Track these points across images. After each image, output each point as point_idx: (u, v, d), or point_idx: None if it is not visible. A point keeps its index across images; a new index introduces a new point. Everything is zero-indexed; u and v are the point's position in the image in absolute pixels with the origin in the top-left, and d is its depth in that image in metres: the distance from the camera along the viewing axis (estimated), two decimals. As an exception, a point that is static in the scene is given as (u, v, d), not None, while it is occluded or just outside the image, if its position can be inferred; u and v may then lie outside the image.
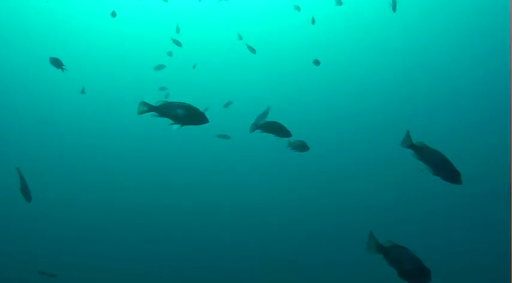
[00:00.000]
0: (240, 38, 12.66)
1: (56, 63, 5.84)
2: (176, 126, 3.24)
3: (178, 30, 12.57)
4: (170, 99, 3.31)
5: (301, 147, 4.23)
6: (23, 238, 12.44)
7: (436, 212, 13.25)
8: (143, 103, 3.18)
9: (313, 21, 9.67)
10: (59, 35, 17.91)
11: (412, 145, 2.85)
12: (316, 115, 17.96)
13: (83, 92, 10.56)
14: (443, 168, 2.75)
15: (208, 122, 3.25)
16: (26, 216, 12.65)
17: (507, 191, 10.70)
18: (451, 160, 2.80)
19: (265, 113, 6.41)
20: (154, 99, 3.27)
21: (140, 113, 3.20)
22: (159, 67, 12.38)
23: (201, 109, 3.25)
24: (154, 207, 14.62)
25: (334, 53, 17.54)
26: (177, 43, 10.25)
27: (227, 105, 10.78)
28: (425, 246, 10.80)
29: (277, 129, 3.79)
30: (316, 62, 7.08)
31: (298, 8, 10.97)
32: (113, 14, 9.12)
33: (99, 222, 13.79)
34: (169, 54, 12.68)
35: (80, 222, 13.76)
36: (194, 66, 13.19)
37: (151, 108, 3.17)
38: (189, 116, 3.19)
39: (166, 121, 3.24)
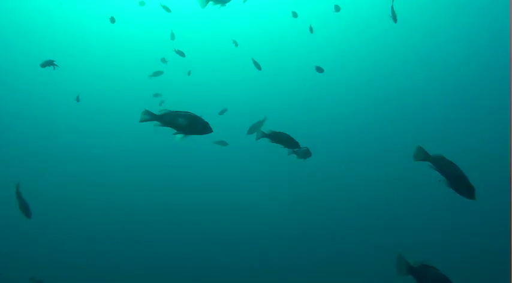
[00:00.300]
0: (236, 44, 12.40)
1: (47, 62, 5.79)
2: (179, 136, 3.05)
3: (173, 37, 12.14)
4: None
5: (305, 154, 4.04)
6: (23, 239, 12.18)
7: (435, 211, 13.12)
8: (146, 112, 3.00)
9: (311, 30, 9.42)
10: (57, 37, 17.58)
11: (427, 158, 2.71)
12: (313, 116, 17.83)
13: (77, 100, 10.22)
14: (459, 182, 2.64)
15: (212, 131, 3.07)
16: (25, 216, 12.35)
17: (507, 190, 10.58)
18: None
19: (260, 122, 6.29)
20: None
21: (142, 121, 3.00)
22: (156, 74, 11.90)
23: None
24: (153, 207, 14.43)
25: (330, 55, 17.41)
26: (180, 53, 9.90)
27: (222, 112, 10.53)
28: (424, 244, 10.74)
29: (286, 141, 3.63)
30: (319, 69, 6.88)
31: (295, 15, 10.70)
32: (112, 20, 8.86)
33: (98, 223, 13.58)
34: (163, 60, 12.26)
35: (79, 223, 13.54)
36: (189, 73, 12.81)
37: (154, 117, 2.98)
38: (192, 125, 3.01)
39: (167, 129, 3.05)
